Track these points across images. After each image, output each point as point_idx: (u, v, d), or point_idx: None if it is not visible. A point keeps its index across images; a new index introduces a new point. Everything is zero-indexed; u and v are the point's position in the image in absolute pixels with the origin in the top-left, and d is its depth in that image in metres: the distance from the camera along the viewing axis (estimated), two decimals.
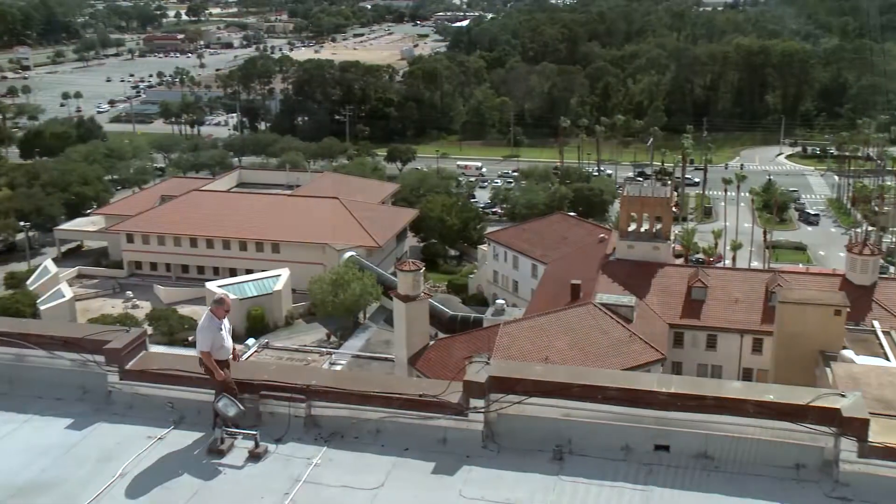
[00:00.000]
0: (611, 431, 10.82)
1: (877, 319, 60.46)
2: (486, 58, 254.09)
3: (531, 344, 57.01)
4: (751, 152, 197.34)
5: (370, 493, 10.24)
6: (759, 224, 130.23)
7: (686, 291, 70.22)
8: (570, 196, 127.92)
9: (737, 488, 10.06)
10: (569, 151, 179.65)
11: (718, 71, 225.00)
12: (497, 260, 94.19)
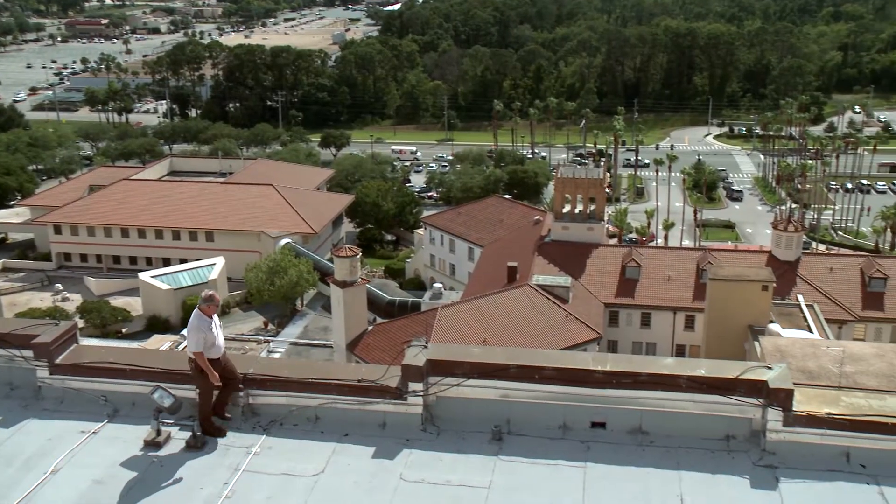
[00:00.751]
0: (548, 410, 10.98)
1: (801, 293, 62.46)
2: (419, 42, 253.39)
3: (469, 326, 57.29)
4: (680, 133, 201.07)
5: (311, 479, 10.23)
6: (689, 203, 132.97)
7: (620, 271, 71.37)
8: (505, 179, 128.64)
9: (671, 461, 10.31)
10: (503, 134, 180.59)
11: (648, 53, 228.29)
12: (434, 244, 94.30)
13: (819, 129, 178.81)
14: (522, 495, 9.77)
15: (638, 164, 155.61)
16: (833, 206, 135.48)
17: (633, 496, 9.73)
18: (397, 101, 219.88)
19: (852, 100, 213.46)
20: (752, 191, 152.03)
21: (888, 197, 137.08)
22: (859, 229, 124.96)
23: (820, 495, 9.60)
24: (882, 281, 68.14)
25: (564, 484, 9.95)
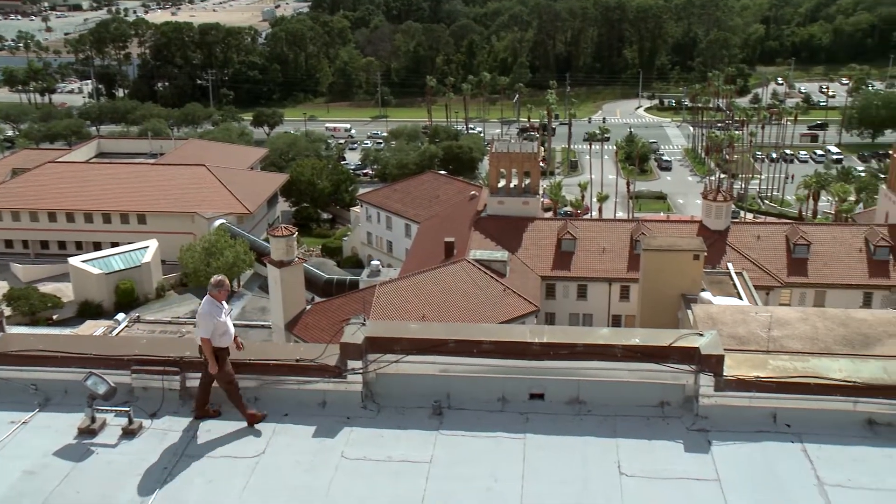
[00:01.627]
0: (487, 384, 11.09)
1: (730, 262, 64.02)
2: (350, 17, 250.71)
3: (408, 303, 57.40)
4: (612, 106, 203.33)
5: (252, 461, 10.18)
6: (622, 175, 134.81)
7: (556, 244, 72.17)
8: (440, 155, 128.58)
9: (608, 429, 10.52)
10: (437, 110, 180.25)
11: (578, 27, 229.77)
12: (370, 221, 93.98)
13: (745, 101, 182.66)
14: (463, 468, 9.89)
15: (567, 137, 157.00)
16: (759, 175, 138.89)
17: (572, 465, 9.91)
18: (330, 79, 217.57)
19: (775, 72, 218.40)
20: (683, 162, 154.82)
21: (810, 166, 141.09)
22: (784, 198, 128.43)
23: (749, 455, 9.93)
24: (805, 247, 70.31)
25: (504, 456, 10.09)
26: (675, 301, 48.62)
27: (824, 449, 10.02)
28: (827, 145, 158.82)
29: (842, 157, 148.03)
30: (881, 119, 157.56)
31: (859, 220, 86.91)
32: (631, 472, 9.75)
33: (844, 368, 10.65)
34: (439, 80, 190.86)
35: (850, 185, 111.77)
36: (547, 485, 9.58)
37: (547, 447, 10.25)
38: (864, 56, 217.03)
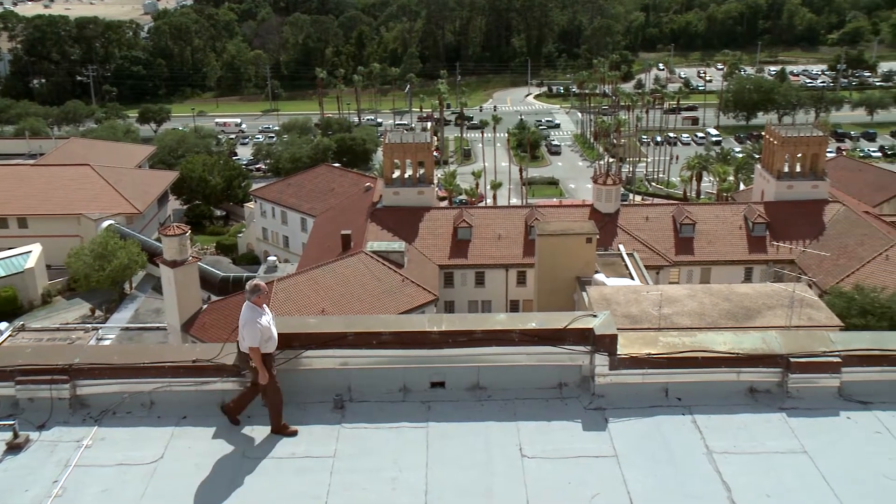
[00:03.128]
0: (388, 374, 11.12)
1: (622, 243, 65.93)
2: (236, 10, 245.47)
3: (307, 298, 56.88)
4: (502, 94, 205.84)
5: (149, 467, 9.92)
6: (514, 162, 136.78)
7: (452, 232, 72.71)
8: (334, 147, 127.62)
9: (508, 413, 10.71)
10: (328, 102, 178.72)
11: (467, 16, 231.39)
12: (265, 217, 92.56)
13: (629, 87, 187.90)
14: (367, 460, 9.90)
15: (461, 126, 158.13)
16: (645, 158, 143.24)
17: (475, 449, 10.06)
18: (218, 73, 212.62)
19: (656, 58, 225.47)
20: (573, 147, 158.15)
21: (692, 148, 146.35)
22: (669, 179, 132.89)
23: (643, 430, 10.29)
24: (691, 227, 72.99)
25: (408, 445, 10.16)
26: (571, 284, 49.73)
27: (712, 419, 10.47)
28: (707, 128, 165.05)
29: (720, 139, 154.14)
30: (754, 102, 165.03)
31: (738, 198, 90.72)
32: (532, 453, 9.96)
33: (728, 341, 11.14)
34: (330, 72, 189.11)
35: (729, 166, 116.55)
36: (451, 471, 9.70)
37: (449, 434, 10.37)
38: (735, 43, 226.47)
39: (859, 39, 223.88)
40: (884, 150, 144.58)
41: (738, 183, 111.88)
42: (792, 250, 70.39)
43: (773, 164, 78.19)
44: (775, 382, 10.95)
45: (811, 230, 72.76)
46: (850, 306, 54.53)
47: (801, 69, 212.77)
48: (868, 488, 9.27)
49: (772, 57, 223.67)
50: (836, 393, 10.83)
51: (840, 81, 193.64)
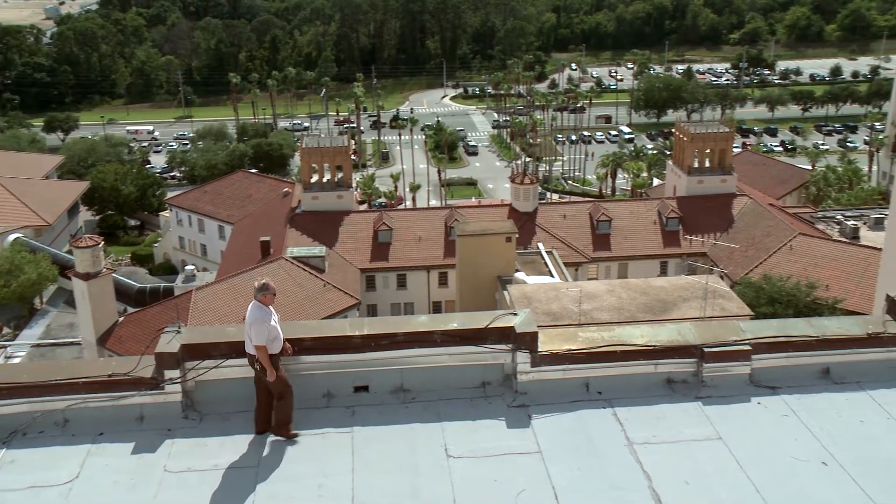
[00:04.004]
0: (311, 380, 11.04)
1: (541, 241, 66.81)
2: (144, 15, 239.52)
3: (227, 306, 55.96)
4: (419, 96, 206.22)
5: (63, 488, 9.61)
6: (433, 164, 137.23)
7: (373, 236, 72.56)
8: (250, 153, 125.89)
9: (433, 414, 10.75)
10: (244, 108, 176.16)
11: (381, 19, 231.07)
12: (181, 225, 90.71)
13: (543, 86, 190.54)
14: (292, 468, 9.82)
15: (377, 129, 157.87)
16: (561, 157, 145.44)
17: (401, 452, 10.07)
18: (127, 79, 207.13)
19: (568, 58, 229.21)
20: (490, 148, 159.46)
21: (606, 146, 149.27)
22: (585, 177, 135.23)
23: (566, 425, 10.47)
24: (607, 223, 74.46)
25: (333, 451, 10.11)
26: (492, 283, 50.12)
27: (632, 410, 10.72)
28: (619, 126, 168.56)
29: (633, 136, 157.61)
30: (663, 100, 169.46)
31: (652, 194, 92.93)
32: (458, 453, 10.02)
33: (645, 334, 11.41)
34: (244, 76, 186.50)
35: (642, 163, 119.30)
36: (377, 475, 9.69)
37: (375, 438, 10.35)
38: (644, 42, 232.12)
39: (758, 39, 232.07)
40: (784, 144, 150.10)
41: (651, 179, 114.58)
42: (704, 243, 72.47)
43: (683, 160, 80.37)
44: (691, 372, 11.27)
45: (721, 223, 75.06)
46: (758, 296, 56.46)
47: (707, 68, 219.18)
48: (777, 469, 9.64)
49: (679, 56, 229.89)
50: (747, 380, 11.21)
51: (742, 79, 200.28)
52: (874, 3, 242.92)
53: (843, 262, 64.35)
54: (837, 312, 54.53)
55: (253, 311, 10.59)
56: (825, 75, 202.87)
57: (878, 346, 11.36)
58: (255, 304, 10.69)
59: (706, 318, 40.41)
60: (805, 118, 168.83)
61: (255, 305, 10.67)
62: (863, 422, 10.47)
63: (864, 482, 9.36)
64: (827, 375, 11.38)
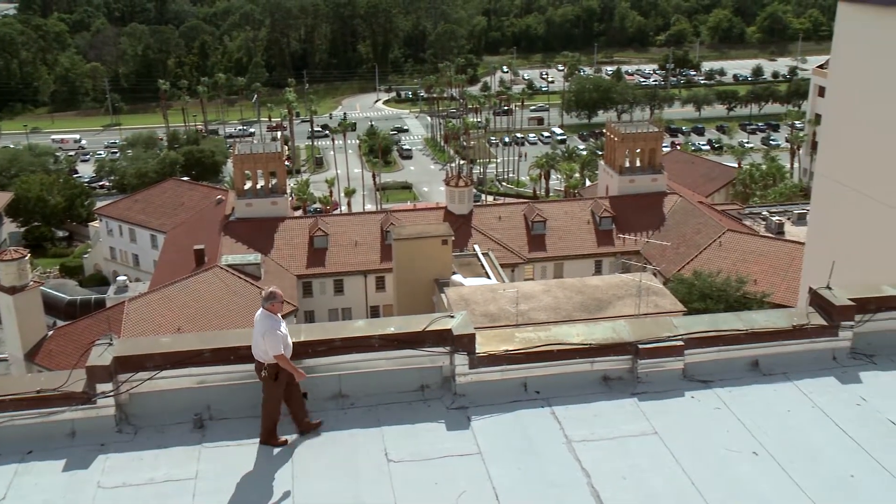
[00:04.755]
0: (249, 390, 10.92)
1: (477, 243, 67.13)
2: (67, 21, 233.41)
3: (161, 317, 55.00)
4: (351, 101, 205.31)
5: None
6: (367, 168, 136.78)
7: (308, 242, 72.05)
8: (181, 160, 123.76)
9: (373, 419, 10.73)
10: (174, 115, 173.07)
11: (311, 24, 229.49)
12: (112, 235, 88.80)
13: (475, 89, 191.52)
14: (231, 479, 9.70)
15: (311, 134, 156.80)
16: (495, 159, 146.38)
17: (341, 458, 10.03)
18: (51, 87, 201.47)
19: (500, 60, 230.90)
20: (424, 151, 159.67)
21: (539, 147, 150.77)
22: (519, 179, 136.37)
23: (505, 425, 10.55)
24: (542, 224, 75.25)
25: (272, 460, 10.02)
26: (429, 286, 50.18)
27: (570, 409, 10.86)
28: (552, 127, 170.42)
29: (565, 137, 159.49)
30: (594, 101, 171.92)
31: (585, 194, 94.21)
32: (398, 457, 10.03)
33: (581, 333, 11.57)
34: (173, 83, 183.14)
35: (575, 163, 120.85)
36: (317, 482, 9.63)
37: (314, 445, 10.29)
38: (574, 44, 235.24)
39: (683, 41, 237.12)
40: (711, 143, 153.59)
41: (583, 179, 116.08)
42: (637, 241, 73.73)
43: (615, 160, 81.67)
44: (626, 369, 11.47)
45: (653, 221, 76.49)
46: (690, 292, 57.69)
47: (635, 69, 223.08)
48: (711, 460, 9.88)
49: (608, 58, 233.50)
50: (680, 375, 11.45)
51: (670, 80, 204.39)
52: (790, 7, 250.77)
53: (770, 256, 66.20)
54: (765, 306, 56.09)
55: (263, 321, 10.48)
56: (748, 76, 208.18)
57: (803, 338, 11.73)
58: (263, 314, 10.58)
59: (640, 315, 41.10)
60: (730, 117, 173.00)
61: (264, 314, 10.57)
62: (790, 411, 10.80)
63: (791, 470, 9.66)
64: (756, 368, 11.70)
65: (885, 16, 15.27)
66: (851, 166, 16.59)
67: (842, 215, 16.96)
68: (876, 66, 15.75)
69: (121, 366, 10.54)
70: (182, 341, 11.19)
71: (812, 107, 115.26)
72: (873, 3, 15.53)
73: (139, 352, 10.73)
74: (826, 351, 11.83)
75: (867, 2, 15.70)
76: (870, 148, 16.01)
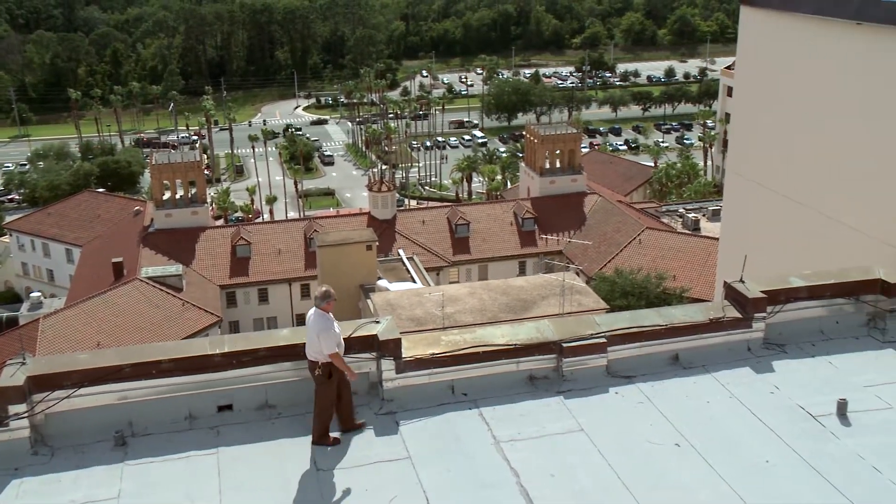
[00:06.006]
0: (172, 403, 10.72)
1: (401, 248, 67.16)
2: None
3: (79, 332, 53.52)
4: (271, 108, 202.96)
5: None
6: (289, 175, 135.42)
7: (231, 251, 71.00)
8: (96, 171, 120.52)
9: (300, 428, 10.65)
10: (87, 125, 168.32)
11: (228, 30, 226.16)
12: (24, 251, 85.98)
13: (396, 94, 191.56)
14: (156, 496, 9.49)
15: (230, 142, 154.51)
16: (417, 163, 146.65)
17: (269, 470, 9.93)
18: None
19: (419, 65, 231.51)
20: (346, 157, 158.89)
21: (460, 150, 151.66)
22: (442, 182, 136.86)
23: (434, 428, 10.60)
24: (465, 226, 75.69)
25: (198, 474, 9.85)
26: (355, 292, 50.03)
27: (497, 409, 10.96)
28: (472, 130, 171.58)
29: (486, 140, 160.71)
30: (513, 104, 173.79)
31: (507, 196, 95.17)
32: (326, 465, 9.97)
33: (506, 333, 11.69)
34: (84, 92, 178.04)
35: (496, 166, 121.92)
36: (246, 495, 9.51)
37: (242, 457, 10.16)
38: (492, 48, 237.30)
39: (598, 43, 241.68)
40: (628, 143, 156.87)
41: (505, 181, 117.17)
42: (559, 241, 74.79)
43: (535, 161, 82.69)
44: (551, 368, 11.64)
45: (574, 221, 77.70)
46: (613, 289, 58.84)
47: (553, 71, 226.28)
48: (636, 454, 10.10)
49: (525, 61, 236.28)
50: (604, 371, 11.68)
51: (586, 82, 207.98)
52: (697, 11, 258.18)
53: (687, 252, 67.94)
54: (684, 301, 57.58)
55: (318, 321, 10.49)
56: (661, 77, 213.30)
57: (720, 331, 12.10)
58: (318, 313, 10.58)
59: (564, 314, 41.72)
60: (645, 118, 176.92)
61: (319, 314, 10.58)
62: (709, 402, 11.12)
63: (711, 459, 9.95)
64: (676, 361, 12.01)
65: (784, 18, 15.89)
66: (758, 163, 17.19)
67: (752, 211, 17.55)
68: (777, 67, 16.36)
69: (35, 385, 10.21)
70: (101, 357, 10.90)
71: (722, 106, 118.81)
72: (773, 7, 16.14)
73: (55, 370, 10.41)
74: (741, 342, 12.22)
75: (767, 6, 16.30)
76: (774, 145, 16.61)
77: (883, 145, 13.98)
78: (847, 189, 14.77)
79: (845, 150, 14.74)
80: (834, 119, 14.95)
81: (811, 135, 15.48)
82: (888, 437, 10.28)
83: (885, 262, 13.22)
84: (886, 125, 13.87)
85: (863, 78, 14.24)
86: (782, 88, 16.24)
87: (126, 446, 10.33)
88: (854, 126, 14.54)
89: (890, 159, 13.88)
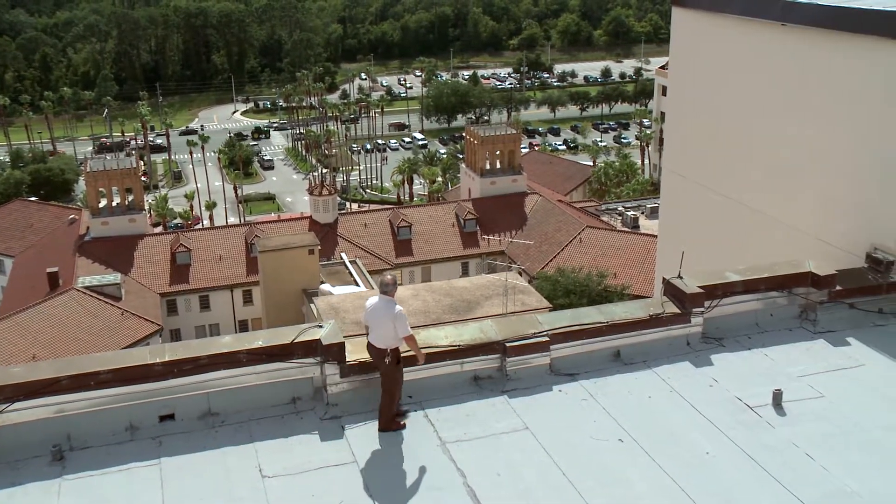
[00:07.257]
0: (111, 415, 10.50)
1: (343, 252, 66.91)
2: None
3: (13, 345, 52.15)
4: (208, 112, 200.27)
5: None
6: (228, 181, 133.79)
7: (170, 258, 69.94)
8: (28, 180, 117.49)
9: (245, 436, 10.54)
10: (16, 132, 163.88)
11: (162, 35, 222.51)
12: None
13: (335, 97, 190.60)
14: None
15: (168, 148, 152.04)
16: (358, 166, 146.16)
17: (214, 478, 9.81)
18: None
19: (357, 68, 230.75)
20: (286, 161, 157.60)
21: (401, 153, 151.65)
22: (383, 185, 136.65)
23: (379, 433, 10.59)
24: (408, 228, 75.71)
25: (141, 486, 9.67)
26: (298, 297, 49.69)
27: (442, 411, 11.00)
28: (412, 132, 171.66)
29: (426, 142, 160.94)
30: (452, 105, 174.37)
31: (449, 197, 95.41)
32: (273, 472, 9.89)
33: (450, 334, 11.73)
34: (13, 98, 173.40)
35: (437, 167, 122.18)
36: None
37: (185, 467, 10.01)
38: (430, 50, 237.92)
39: (535, 44, 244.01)
40: (567, 143, 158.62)
41: (446, 183, 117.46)
42: (501, 242, 75.24)
43: (475, 162, 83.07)
44: (495, 368, 11.71)
45: (515, 221, 78.28)
46: (555, 288, 59.41)
47: (491, 73, 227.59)
48: (580, 451, 10.23)
49: (463, 62, 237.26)
50: (547, 370, 11.80)
51: (524, 83, 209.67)
52: (631, 12, 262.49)
53: (627, 250, 68.96)
54: (625, 298, 58.38)
55: (388, 306, 10.64)
56: (597, 77, 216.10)
57: (659, 326, 12.31)
58: (385, 299, 10.72)
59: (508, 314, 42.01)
60: (583, 117, 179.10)
61: (387, 300, 10.71)
62: (650, 397, 11.32)
63: (654, 453, 10.13)
64: (618, 358, 12.19)
65: (714, 19, 16.27)
66: (692, 161, 17.56)
67: (688, 208, 17.92)
68: (708, 66, 16.75)
69: None
70: (37, 370, 10.63)
71: (657, 105, 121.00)
72: (703, 8, 16.52)
73: None
74: (681, 337, 12.46)
75: (697, 7, 16.68)
76: (708, 143, 16.99)
77: (810, 143, 14.41)
78: (778, 186, 15.18)
79: (775, 148, 15.14)
80: (763, 118, 15.35)
81: (742, 133, 15.88)
82: (820, 425, 10.60)
83: (816, 256, 13.61)
84: (812, 123, 14.29)
85: (789, 77, 14.66)
86: (713, 88, 16.62)
87: (64, 461, 10.09)
88: (782, 124, 14.96)
89: (816, 156, 14.31)
